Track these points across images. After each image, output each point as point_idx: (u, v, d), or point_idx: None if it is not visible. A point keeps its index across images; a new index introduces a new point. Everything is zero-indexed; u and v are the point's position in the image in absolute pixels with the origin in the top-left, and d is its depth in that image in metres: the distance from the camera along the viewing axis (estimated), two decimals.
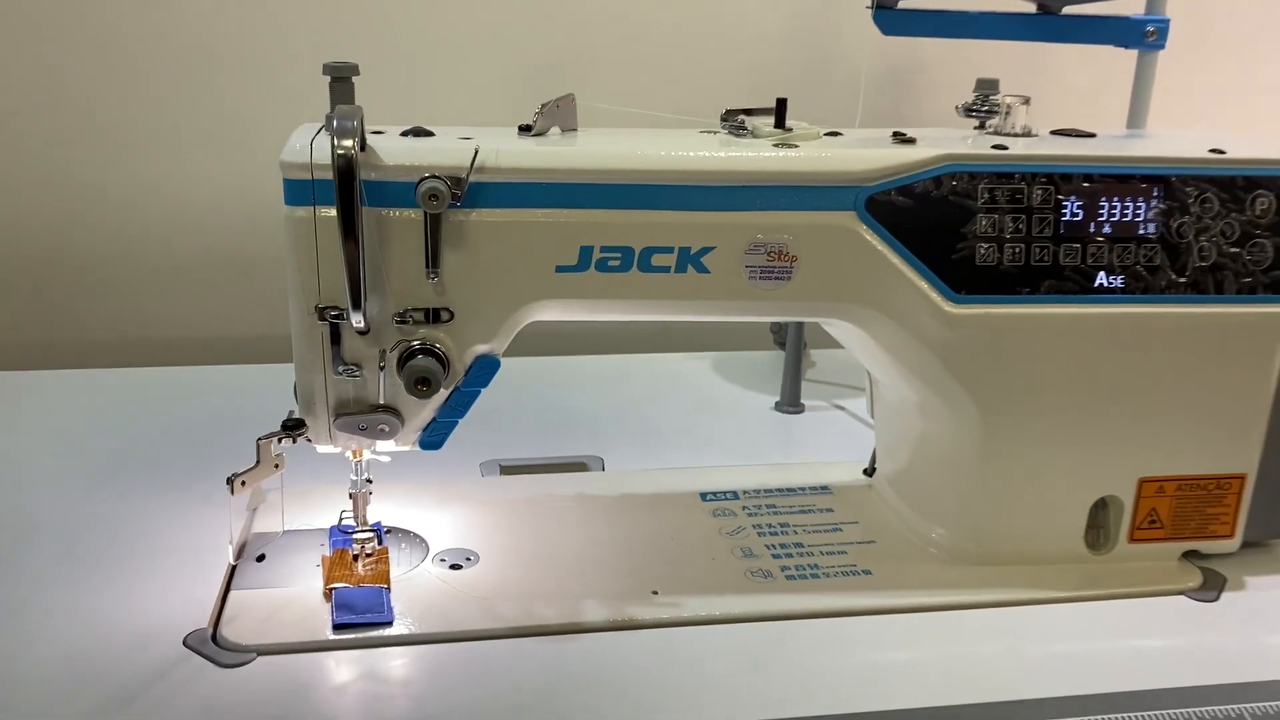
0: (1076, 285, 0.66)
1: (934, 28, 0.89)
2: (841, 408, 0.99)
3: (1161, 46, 0.97)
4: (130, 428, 0.91)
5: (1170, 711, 0.59)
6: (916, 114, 1.21)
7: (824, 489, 0.81)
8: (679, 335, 1.21)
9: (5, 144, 1.09)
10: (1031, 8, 0.90)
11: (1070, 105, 1.28)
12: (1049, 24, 0.90)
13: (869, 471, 0.83)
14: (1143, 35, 0.95)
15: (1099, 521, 0.72)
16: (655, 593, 0.68)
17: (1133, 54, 1.04)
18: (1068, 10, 0.89)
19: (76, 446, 0.87)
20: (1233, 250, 0.67)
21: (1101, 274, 0.66)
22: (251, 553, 0.71)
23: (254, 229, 1.13)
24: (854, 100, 1.10)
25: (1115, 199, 0.66)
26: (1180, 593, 0.70)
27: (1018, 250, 0.65)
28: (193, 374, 1.04)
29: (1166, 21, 0.96)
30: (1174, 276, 0.67)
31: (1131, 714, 0.58)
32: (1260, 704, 0.59)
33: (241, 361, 1.09)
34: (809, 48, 1.18)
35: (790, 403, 0.99)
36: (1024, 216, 0.65)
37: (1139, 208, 0.66)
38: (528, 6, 1.13)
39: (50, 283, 1.13)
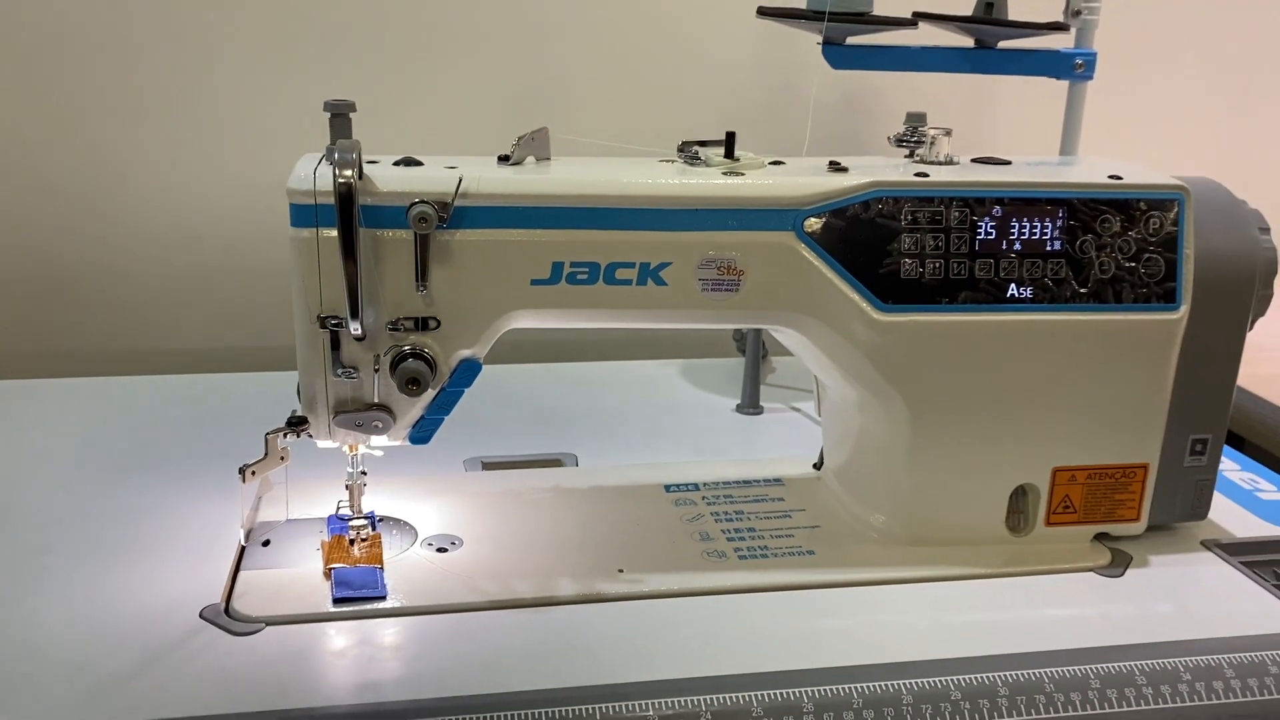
0: (990, 296, 0.74)
1: (879, 62, 0.96)
2: (797, 409, 1.07)
3: (1090, 77, 1.05)
4: (142, 430, 0.98)
5: (1069, 668, 0.66)
6: (872, 138, 1.29)
7: (777, 481, 0.89)
8: (649, 343, 1.28)
9: (33, 169, 1.16)
10: (969, 42, 0.98)
11: (1019, 129, 1.37)
12: (985, 57, 0.98)
13: (818, 465, 0.90)
14: (1072, 67, 1.03)
15: (1019, 507, 0.80)
16: (621, 570, 0.75)
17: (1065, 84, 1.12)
18: (1002, 45, 0.97)
19: (94, 446, 0.94)
20: (1129, 264, 0.75)
21: (1013, 286, 0.74)
22: (258, 538, 0.77)
23: (256, 249, 1.21)
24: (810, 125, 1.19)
25: (1025, 219, 0.74)
26: (1090, 569, 0.78)
27: (938, 265, 0.73)
28: (197, 381, 1.11)
29: (1093, 55, 1.04)
30: (1078, 288, 0.75)
31: (1036, 670, 0.66)
32: (1146, 661, 0.67)
33: (240, 370, 1.15)
34: (770, 79, 1.27)
35: (750, 405, 1.06)
36: (943, 235, 0.73)
37: (1046, 227, 0.74)
38: (507, 45, 1.21)
39: (70, 299, 1.20)
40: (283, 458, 0.74)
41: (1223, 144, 1.45)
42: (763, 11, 0.95)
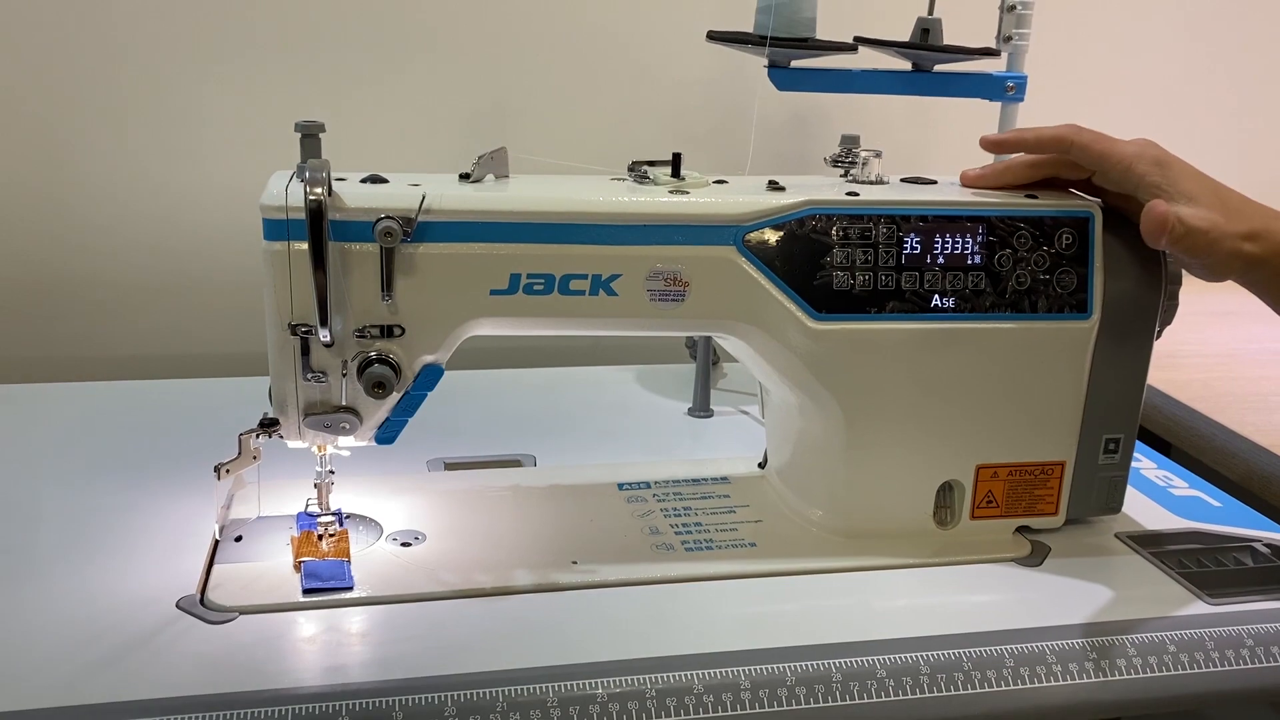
0: (916, 306, 0.79)
1: (821, 84, 1.01)
2: (746, 412, 1.12)
3: (1021, 99, 1.11)
4: (120, 432, 1.01)
5: (986, 649, 0.72)
6: (818, 156, 1.35)
7: (724, 479, 0.94)
8: (607, 351, 1.33)
9: (7, 176, 1.19)
10: (907, 65, 1.04)
11: (959, 146, 1.43)
12: (922, 80, 1.03)
13: (762, 465, 0.95)
14: (1003, 89, 1.09)
15: (945, 502, 0.85)
16: (574, 562, 0.79)
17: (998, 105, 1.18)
18: (938, 68, 1.03)
19: (75, 448, 0.97)
20: (1044, 277, 0.81)
21: (936, 296, 0.79)
22: (231, 534, 0.81)
23: (229, 260, 1.25)
24: (760, 144, 1.24)
25: (947, 235, 0.79)
26: (1012, 560, 0.83)
27: (867, 277, 0.78)
28: (173, 385, 1.14)
29: (1024, 78, 1.10)
30: (996, 298, 0.80)
31: (955, 650, 0.71)
32: (1056, 642, 0.73)
33: (214, 375, 1.19)
34: (721, 100, 1.32)
35: (701, 408, 1.11)
36: (872, 250, 0.78)
37: (967, 242, 0.79)
38: (470, 69, 1.26)
39: (50, 306, 1.23)
40: (255, 457, 0.77)
41: None
42: (712, 36, 1.01)
